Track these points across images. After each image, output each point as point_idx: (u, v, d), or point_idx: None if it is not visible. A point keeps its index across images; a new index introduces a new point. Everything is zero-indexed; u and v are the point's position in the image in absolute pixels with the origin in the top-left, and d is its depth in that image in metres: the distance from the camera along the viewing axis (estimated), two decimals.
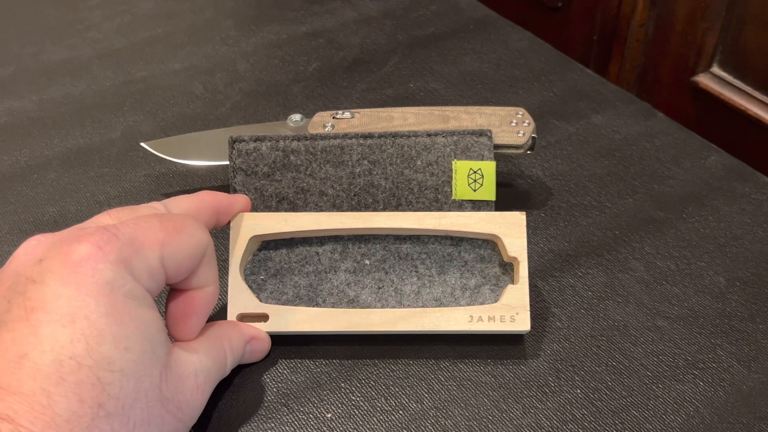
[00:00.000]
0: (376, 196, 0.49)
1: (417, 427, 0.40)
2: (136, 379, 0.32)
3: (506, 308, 0.43)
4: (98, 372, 0.31)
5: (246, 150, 0.48)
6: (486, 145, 0.49)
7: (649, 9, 1.01)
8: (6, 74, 0.65)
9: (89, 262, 0.33)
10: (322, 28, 0.71)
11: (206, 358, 0.38)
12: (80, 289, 0.32)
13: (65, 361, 0.31)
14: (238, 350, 0.41)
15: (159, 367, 0.34)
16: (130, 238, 0.34)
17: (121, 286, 0.33)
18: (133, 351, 0.32)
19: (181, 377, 0.36)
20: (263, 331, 0.42)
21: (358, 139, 0.49)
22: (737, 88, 0.95)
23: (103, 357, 0.31)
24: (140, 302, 0.34)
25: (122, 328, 0.32)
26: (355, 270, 0.45)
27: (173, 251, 0.36)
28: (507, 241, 0.45)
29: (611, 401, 0.41)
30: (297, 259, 0.45)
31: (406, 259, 0.46)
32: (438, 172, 0.49)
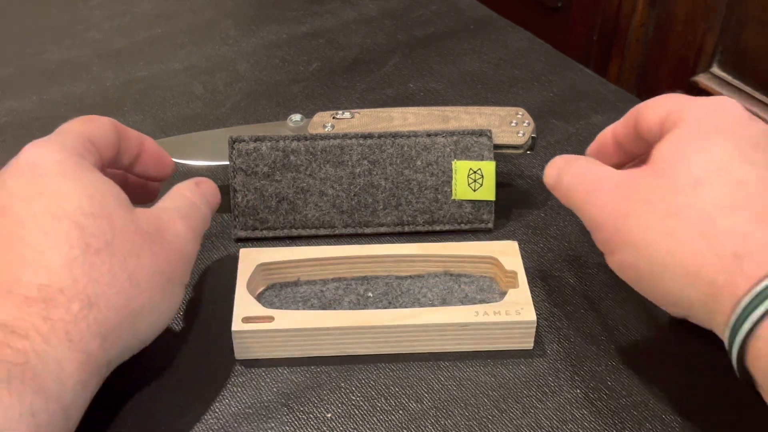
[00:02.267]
0: (375, 196, 0.49)
1: (417, 427, 0.40)
2: (107, 218, 0.37)
3: (511, 304, 0.43)
4: (74, 218, 0.36)
5: (246, 150, 0.48)
6: (486, 145, 0.49)
7: (649, 9, 1.01)
8: (6, 74, 0.65)
9: (35, 154, 0.39)
10: (322, 28, 0.71)
11: (168, 202, 0.42)
12: (35, 174, 0.38)
13: (46, 220, 0.36)
14: (193, 189, 0.44)
15: (125, 207, 0.39)
16: (58, 134, 0.41)
17: (68, 159, 0.38)
18: (96, 197, 0.38)
19: (152, 216, 0.40)
20: (205, 178, 0.46)
21: (358, 139, 0.49)
22: (737, 88, 0.95)
23: (73, 207, 0.37)
24: (90, 170, 0.39)
25: (79, 183, 0.38)
26: (358, 302, 0.45)
27: (94, 132, 0.41)
28: (503, 259, 0.46)
29: (611, 401, 0.41)
30: (302, 297, 0.46)
31: (408, 293, 0.46)
32: (438, 172, 0.49)
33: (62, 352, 0.34)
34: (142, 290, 0.37)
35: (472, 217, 0.49)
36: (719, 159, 0.38)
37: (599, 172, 0.42)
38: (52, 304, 0.34)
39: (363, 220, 0.49)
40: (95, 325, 0.35)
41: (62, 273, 0.35)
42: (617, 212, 0.39)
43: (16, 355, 0.32)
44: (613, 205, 0.40)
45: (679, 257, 0.36)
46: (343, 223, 0.49)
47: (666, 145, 0.39)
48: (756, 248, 0.35)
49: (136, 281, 0.37)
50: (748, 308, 0.34)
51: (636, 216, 0.38)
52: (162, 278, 0.38)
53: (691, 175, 0.37)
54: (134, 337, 0.38)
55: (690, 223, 0.37)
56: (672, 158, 0.39)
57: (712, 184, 0.37)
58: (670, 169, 0.38)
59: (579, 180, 0.43)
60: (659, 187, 0.38)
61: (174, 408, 0.41)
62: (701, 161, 0.38)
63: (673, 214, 0.37)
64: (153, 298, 0.38)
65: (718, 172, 0.37)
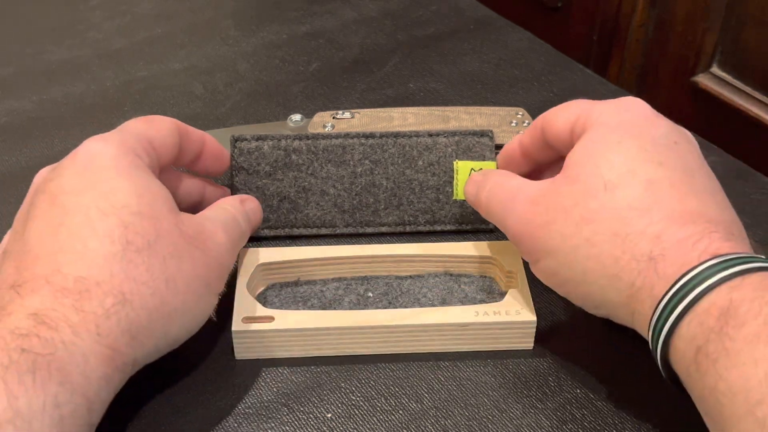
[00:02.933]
0: (377, 196, 0.49)
1: (417, 427, 0.40)
2: (153, 219, 0.38)
3: (511, 304, 0.43)
4: (120, 216, 0.37)
5: (248, 149, 0.48)
6: (487, 146, 0.49)
7: (649, 9, 1.01)
8: (6, 74, 0.65)
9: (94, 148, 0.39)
10: (322, 28, 0.71)
11: (212, 213, 0.43)
12: (90, 167, 0.38)
13: (93, 214, 0.37)
14: (237, 206, 0.45)
15: (172, 211, 0.39)
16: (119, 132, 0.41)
17: (124, 158, 0.39)
18: (146, 197, 0.38)
19: (196, 222, 0.40)
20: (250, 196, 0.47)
21: (359, 139, 0.49)
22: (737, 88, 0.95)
23: (122, 204, 0.37)
24: (144, 170, 0.40)
25: (131, 182, 0.38)
26: (358, 302, 0.45)
27: (155, 134, 0.42)
28: (503, 259, 0.46)
29: (611, 401, 0.41)
30: (302, 297, 0.46)
31: (408, 293, 0.46)
32: (439, 172, 0.49)
33: (90, 345, 0.34)
34: (178, 293, 0.37)
35: (474, 217, 0.49)
36: (628, 160, 0.38)
37: (514, 185, 0.43)
38: (87, 296, 0.35)
39: (364, 219, 0.49)
40: (126, 322, 0.35)
41: (101, 267, 0.36)
42: (534, 223, 0.40)
43: (43, 346, 0.33)
44: (529, 215, 0.40)
45: (597, 261, 0.37)
46: (345, 222, 0.49)
47: (577, 150, 0.40)
48: (669, 249, 0.36)
49: (174, 284, 0.37)
50: (666, 309, 0.34)
51: (553, 224, 0.39)
52: (199, 284, 0.39)
53: (602, 178, 0.38)
54: (164, 339, 0.38)
55: (605, 227, 0.37)
56: (582, 163, 0.39)
57: (623, 186, 0.38)
58: (581, 174, 0.39)
59: (495, 194, 0.43)
60: (573, 193, 0.39)
61: (174, 408, 0.41)
62: (611, 164, 0.38)
63: (588, 219, 0.38)
64: (187, 302, 0.38)
65: (628, 174, 0.38)
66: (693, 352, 0.33)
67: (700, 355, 0.33)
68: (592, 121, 0.41)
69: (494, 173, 0.45)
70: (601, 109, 0.41)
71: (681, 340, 0.34)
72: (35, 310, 0.34)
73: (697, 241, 0.35)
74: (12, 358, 0.32)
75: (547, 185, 0.40)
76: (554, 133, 0.43)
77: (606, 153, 0.39)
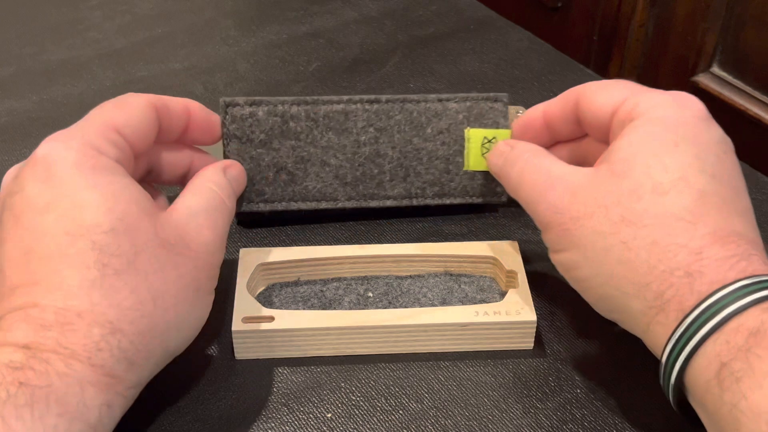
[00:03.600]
0: (382, 167, 0.46)
1: (417, 427, 0.40)
2: (129, 234, 0.35)
3: (511, 304, 0.43)
4: (92, 237, 0.34)
5: (241, 115, 0.45)
6: (501, 111, 0.46)
7: (649, 9, 1.01)
8: (6, 74, 0.65)
9: (52, 153, 0.36)
10: (322, 28, 0.71)
11: (196, 200, 0.40)
12: (51, 178, 0.35)
13: (61, 239, 0.34)
14: (221, 181, 0.41)
15: (150, 219, 0.36)
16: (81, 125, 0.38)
17: (85, 162, 0.36)
18: (116, 209, 0.35)
19: (178, 223, 0.38)
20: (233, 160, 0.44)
21: (363, 104, 0.46)
22: (737, 88, 0.95)
23: (90, 224, 0.34)
24: (111, 171, 0.37)
25: (98, 194, 0.35)
26: (358, 302, 0.45)
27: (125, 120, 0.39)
28: (503, 259, 0.46)
29: (611, 401, 0.41)
30: (302, 297, 0.46)
31: (408, 293, 0.46)
32: (449, 141, 0.46)
33: (85, 375, 0.33)
34: (168, 308, 0.36)
35: (485, 189, 0.47)
36: (683, 166, 0.36)
37: (552, 171, 0.40)
38: (70, 329, 0.33)
39: (368, 192, 0.47)
40: (119, 350, 0.34)
41: (80, 297, 0.34)
42: (568, 214, 0.38)
43: (39, 378, 0.31)
44: (565, 206, 0.38)
45: (630, 267, 0.36)
46: (347, 195, 0.47)
47: (626, 143, 0.38)
48: (708, 267, 0.34)
49: (162, 300, 0.35)
50: (694, 324, 0.34)
51: (589, 219, 0.37)
52: (189, 291, 0.37)
53: (652, 179, 0.36)
54: (164, 354, 0.37)
55: (646, 232, 0.36)
56: (632, 159, 0.37)
57: (673, 193, 0.36)
58: (629, 171, 0.37)
59: (528, 176, 0.41)
60: (617, 189, 0.37)
61: (174, 408, 0.41)
62: (665, 166, 0.36)
63: (629, 221, 0.36)
64: (180, 313, 0.37)
65: (680, 181, 0.36)
66: (716, 369, 0.33)
67: (723, 371, 0.32)
68: (643, 110, 0.38)
69: (524, 147, 0.42)
70: (654, 100, 0.39)
71: (704, 357, 0.33)
72: (25, 344, 0.32)
73: (737, 262, 0.34)
74: (10, 392, 0.31)
75: (590, 176, 0.38)
76: (591, 110, 0.40)
77: (660, 153, 0.37)
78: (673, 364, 0.35)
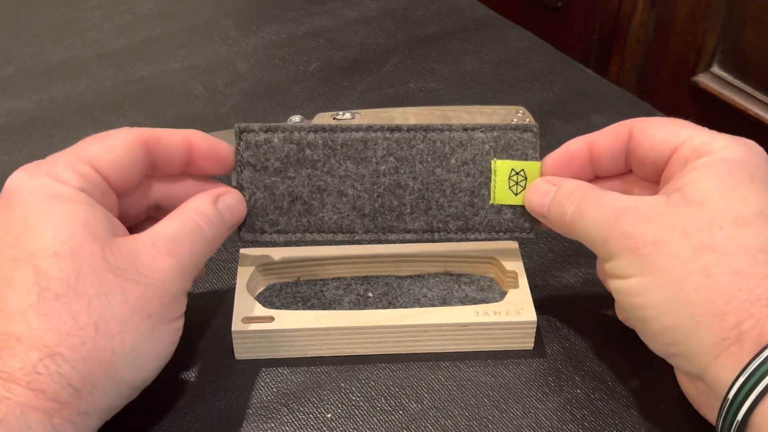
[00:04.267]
0: (402, 198, 0.44)
1: (417, 427, 0.40)
2: (72, 257, 0.35)
3: (511, 304, 0.43)
4: (34, 261, 0.34)
5: (255, 141, 0.43)
6: (531, 143, 0.44)
7: (649, 9, 1.01)
8: (6, 74, 0.65)
9: (15, 182, 0.37)
10: (322, 28, 0.71)
11: (166, 225, 0.38)
12: (10, 206, 0.36)
13: (8, 264, 0.34)
14: (206, 209, 0.40)
15: (99, 244, 0.36)
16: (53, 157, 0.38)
17: (44, 189, 0.36)
18: (62, 234, 0.35)
19: (132, 248, 0.37)
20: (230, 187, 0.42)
21: (384, 132, 0.44)
22: (737, 88, 0.95)
23: (35, 248, 0.34)
24: (68, 198, 0.36)
25: (47, 218, 0.35)
26: (358, 302, 0.45)
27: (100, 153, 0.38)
28: (503, 259, 0.46)
29: (611, 401, 0.41)
30: (302, 297, 0.46)
31: (408, 293, 0.46)
32: (474, 173, 0.44)
33: (25, 400, 0.32)
34: (112, 336, 0.34)
35: (512, 224, 0.44)
36: (760, 202, 0.36)
37: (614, 200, 0.39)
38: (9, 353, 0.33)
39: (387, 225, 0.44)
40: (60, 376, 0.33)
41: (18, 321, 0.33)
42: (642, 239, 0.37)
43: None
44: (638, 233, 0.37)
45: (708, 294, 0.35)
46: (365, 228, 0.44)
47: (700, 176, 0.37)
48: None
49: (106, 327, 0.34)
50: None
51: (667, 244, 0.36)
52: (138, 319, 0.35)
53: (733, 211, 0.36)
54: (115, 385, 0.35)
55: (728, 261, 0.35)
56: (709, 189, 0.37)
57: (754, 226, 0.36)
58: (708, 200, 0.36)
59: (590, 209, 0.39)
60: (696, 217, 0.36)
61: (174, 408, 0.41)
62: (744, 200, 0.36)
63: (711, 248, 0.35)
64: (129, 342, 0.35)
65: (760, 216, 0.36)
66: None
67: None
68: (712, 149, 0.38)
69: (576, 183, 0.41)
70: (723, 142, 0.39)
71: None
72: None
73: None
74: None
75: (664, 203, 0.37)
76: (651, 146, 0.40)
77: (738, 187, 0.37)
78: (743, 399, 0.33)
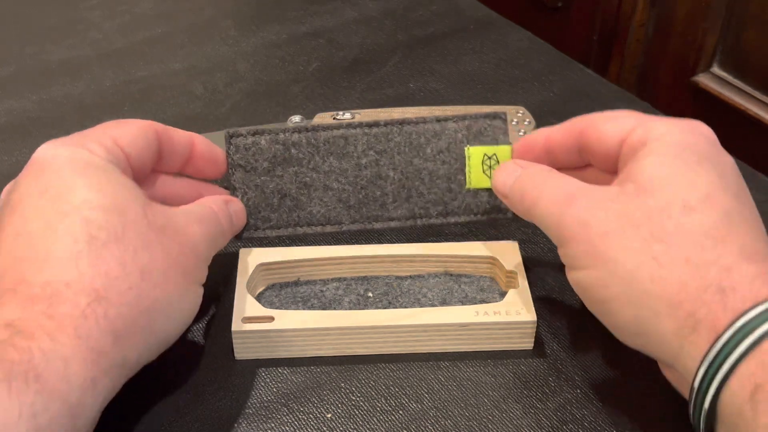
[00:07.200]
0: (384, 189, 0.47)
1: (417, 427, 0.40)
2: (117, 211, 0.36)
3: (511, 304, 0.43)
4: (81, 212, 0.36)
5: (244, 145, 0.46)
6: (501, 128, 0.46)
7: (649, 9, 1.01)
8: (6, 74, 0.65)
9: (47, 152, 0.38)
10: (322, 28, 0.71)
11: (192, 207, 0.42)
12: (45, 170, 0.38)
13: (51, 217, 0.36)
14: (221, 208, 0.43)
15: (139, 203, 0.38)
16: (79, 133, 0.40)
17: (79, 157, 0.38)
18: (107, 191, 0.37)
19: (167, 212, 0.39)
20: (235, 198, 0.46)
21: (363, 128, 0.47)
22: (737, 88, 0.95)
23: (80, 201, 0.36)
24: (103, 168, 0.38)
25: (90, 178, 0.37)
26: (358, 302, 0.45)
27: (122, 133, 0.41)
28: (503, 259, 0.46)
29: (611, 401, 0.41)
30: (302, 297, 0.46)
31: (408, 293, 0.46)
32: (450, 160, 0.46)
33: (69, 350, 0.33)
34: (155, 285, 0.36)
35: (489, 206, 0.47)
36: (708, 185, 0.37)
37: (572, 184, 0.40)
38: (58, 299, 0.34)
39: (372, 214, 0.47)
40: (105, 321, 0.34)
41: (67, 267, 0.34)
42: (595, 229, 0.37)
43: (19, 355, 0.32)
44: (590, 220, 0.38)
45: (662, 284, 0.35)
46: (351, 218, 0.47)
47: (649, 163, 0.38)
48: (740, 283, 0.34)
49: (150, 276, 0.36)
50: (729, 344, 0.33)
51: (618, 235, 0.37)
52: (176, 273, 0.38)
53: (682, 199, 0.36)
54: (152, 335, 0.37)
55: (678, 250, 0.35)
56: (660, 178, 0.37)
57: (702, 211, 0.36)
58: (658, 188, 0.37)
59: (548, 190, 0.40)
60: (646, 206, 0.37)
61: (174, 408, 0.41)
62: (693, 185, 0.37)
63: (660, 238, 0.36)
64: (168, 294, 0.37)
65: (707, 200, 0.36)
66: (750, 391, 0.32)
67: (759, 394, 0.31)
68: (657, 136, 0.39)
69: (538, 167, 0.42)
70: (666, 127, 0.39)
71: (737, 378, 0.32)
72: (8, 321, 0.33)
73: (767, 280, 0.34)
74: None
75: (616, 192, 0.38)
76: (600, 138, 0.41)
77: (687, 173, 0.37)
78: (707, 389, 0.33)
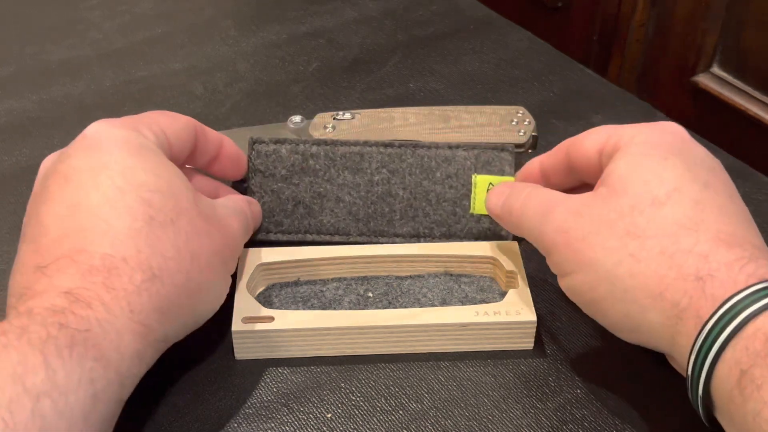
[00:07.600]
0: (393, 206, 0.49)
1: (417, 427, 0.40)
2: (173, 197, 0.38)
3: (511, 304, 0.43)
4: (140, 193, 0.37)
5: (265, 151, 0.48)
6: (507, 160, 0.49)
7: (649, 9, 1.01)
8: (6, 74, 0.65)
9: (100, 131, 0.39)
10: (322, 28, 0.71)
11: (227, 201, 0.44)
12: (101, 147, 0.38)
13: (110, 192, 0.37)
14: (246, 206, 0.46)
15: (191, 191, 0.40)
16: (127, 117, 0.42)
17: (134, 139, 0.39)
18: (163, 176, 0.38)
19: (212, 204, 0.42)
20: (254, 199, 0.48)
21: (378, 147, 0.49)
22: (737, 88, 0.95)
23: (139, 182, 0.37)
24: (156, 153, 0.40)
25: (146, 162, 0.38)
26: (358, 302, 0.45)
27: (168, 123, 0.42)
28: (503, 259, 0.46)
29: (611, 401, 0.41)
30: (302, 297, 0.46)
31: (408, 293, 0.46)
32: (457, 185, 0.49)
33: (123, 322, 0.34)
34: (202, 269, 0.38)
35: (490, 232, 0.49)
36: (676, 177, 0.38)
37: (552, 195, 0.42)
38: (115, 273, 0.35)
39: (378, 229, 0.49)
40: (156, 298, 0.36)
41: (126, 243, 0.36)
42: (574, 233, 0.39)
43: (79, 322, 0.33)
44: (570, 225, 0.39)
45: (642, 279, 0.36)
46: (358, 231, 0.49)
47: (620, 164, 0.39)
48: (717, 270, 0.35)
49: (198, 260, 0.38)
50: (713, 331, 0.33)
51: (595, 236, 0.38)
52: (218, 261, 0.40)
53: (651, 193, 0.37)
54: (191, 315, 0.39)
55: (652, 243, 0.36)
56: (628, 176, 0.38)
57: (671, 203, 0.37)
58: (628, 187, 0.38)
59: (531, 203, 0.42)
60: (618, 205, 0.38)
61: (174, 408, 0.41)
62: (660, 179, 0.38)
63: (634, 234, 0.37)
64: (210, 278, 0.39)
65: (675, 192, 0.37)
66: (737, 377, 0.32)
67: (744, 379, 0.32)
68: (627, 139, 0.40)
69: (522, 184, 0.44)
70: (635, 131, 0.40)
71: (724, 365, 0.33)
72: (67, 289, 0.34)
73: (745, 264, 0.35)
74: (50, 333, 0.32)
75: (590, 196, 0.39)
76: (581, 155, 0.42)
77: (654, 168, 0.38)
78: (698, 377, 0.34)
